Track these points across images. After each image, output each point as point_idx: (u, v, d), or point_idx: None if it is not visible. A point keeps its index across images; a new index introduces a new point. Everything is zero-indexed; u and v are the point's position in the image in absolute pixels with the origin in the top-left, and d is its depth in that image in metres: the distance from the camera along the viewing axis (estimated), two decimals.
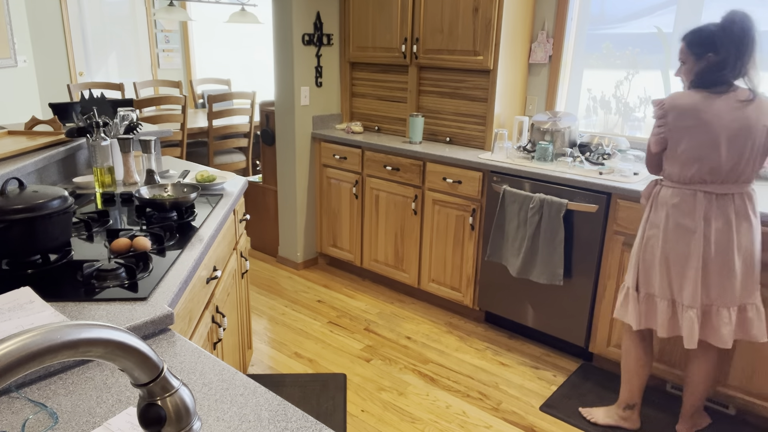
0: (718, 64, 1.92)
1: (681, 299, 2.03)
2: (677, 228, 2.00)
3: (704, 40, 1.95)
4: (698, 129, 1.92)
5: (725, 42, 1.89)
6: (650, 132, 2.06)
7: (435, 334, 3.08)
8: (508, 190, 2.79)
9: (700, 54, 1.97)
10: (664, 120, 1.98)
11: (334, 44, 3.73)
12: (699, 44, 1.97)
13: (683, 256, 2.00)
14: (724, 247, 1.96)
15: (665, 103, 1.98)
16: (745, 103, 1.90)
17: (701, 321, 2.03)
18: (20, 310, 1.17)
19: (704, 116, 1.91)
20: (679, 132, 1.95)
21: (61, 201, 1.46)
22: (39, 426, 0.92)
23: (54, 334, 0.50)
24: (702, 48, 1.95)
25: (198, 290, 1.62)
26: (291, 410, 0.97)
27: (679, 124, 1.95)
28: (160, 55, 6.55)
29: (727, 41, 1.89)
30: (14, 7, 5.04)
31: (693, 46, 1.99)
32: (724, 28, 1.90)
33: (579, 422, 2.37)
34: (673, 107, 1.96)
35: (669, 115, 1.96)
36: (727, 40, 1.89)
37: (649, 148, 2.06)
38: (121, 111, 2.40)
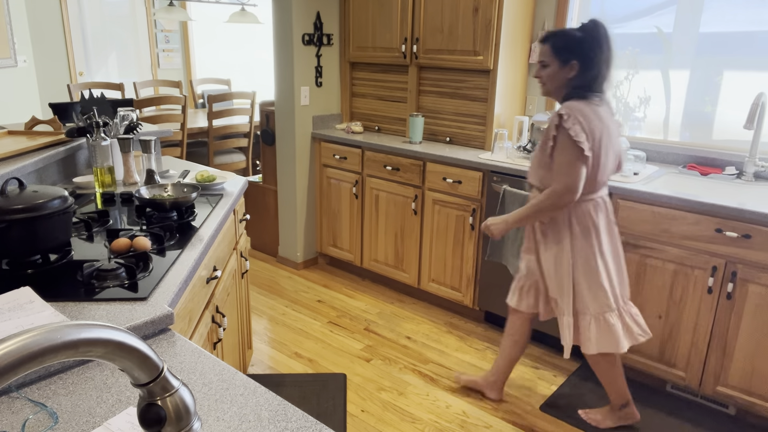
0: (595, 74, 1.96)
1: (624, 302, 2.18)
2: (604, 237, 2.08)
3: (572, 46, 1.95)
4: (605, 139, 1.97)
5: (596, 51, 1.93)
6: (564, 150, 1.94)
7: (435, 334, 3.08)
8: (508, 190, 2.79)
9: (567, 60, 1.96)
10: (584, 133, 1.92)
11: (334, 44, 3.73)
12: (566, 49, 1.96)
13: (616, 262, 2.13)
14: (620, 245, 2.15)
15: (576, 116, 1.92)
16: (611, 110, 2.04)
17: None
18: (20, 310, 1.17)
19: (604, 125, 1.97)
20: (596, 143, 1.95)
21: (61, 201, 1.46)
22: (39, 426, 0.92)
23: (54, 334, 0.50)
24: (569, 54, 1.95)
25: (198, 290, 1.62)
26: (291, 410, 0.97)
27: (596, 135, 1.95)
28: (160, 55, 6.55)
29: (598, 50, 1.93)
30: (14, 7, 5.04)
31: (560, 51, 1.97)
32: (593, 36, 1.94)
33: (579, 422, 2.37)
34: (586, 119, 1.92)
35: (585, 127, 1.92)
36: (598, 49, 1.93)
37: (577, 166, 1.93)
38: (121, 111, 2.40)
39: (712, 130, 2.82)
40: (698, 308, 2.36)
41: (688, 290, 2.37)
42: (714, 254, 2.28)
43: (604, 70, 1.97)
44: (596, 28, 1.95)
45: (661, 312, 2.46)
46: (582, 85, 1.97)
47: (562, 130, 1.93)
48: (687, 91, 2.86)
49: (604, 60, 1.96)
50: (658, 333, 2.49)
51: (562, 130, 1.93)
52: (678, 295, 2.40)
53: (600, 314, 2.11)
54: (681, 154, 2.85)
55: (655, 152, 2.92)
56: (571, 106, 1.94)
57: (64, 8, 5.59)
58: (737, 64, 2.69)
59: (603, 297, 2.09)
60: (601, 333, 2.12)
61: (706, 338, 2.36)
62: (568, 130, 1.90)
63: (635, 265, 2.49)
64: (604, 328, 2.11)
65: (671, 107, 2.93)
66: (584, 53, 1.94)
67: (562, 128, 1.92)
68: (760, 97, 2.42)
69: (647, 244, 2.44)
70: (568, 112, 1.92)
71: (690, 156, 2.82)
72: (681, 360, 2.45)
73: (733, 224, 2.21)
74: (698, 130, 2.86)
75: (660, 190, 2.39)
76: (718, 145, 2.80)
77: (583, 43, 1.95)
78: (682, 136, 2.92)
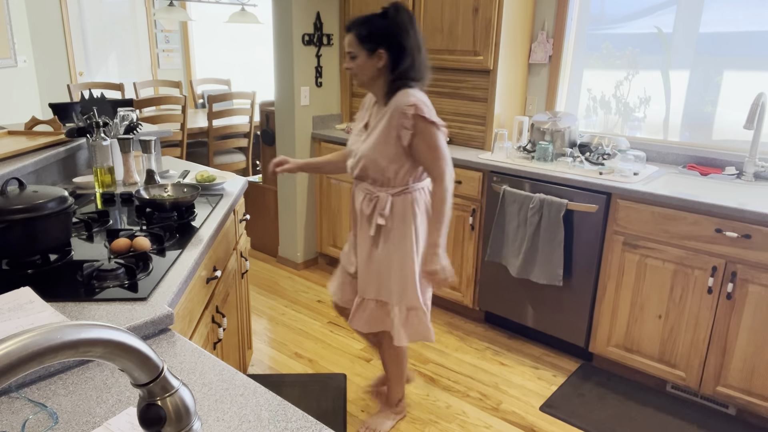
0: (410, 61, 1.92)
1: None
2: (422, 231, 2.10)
3: (377, 34, 1.89)
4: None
5: (403, 36, 1.89)
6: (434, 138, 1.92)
7: (435, 334, 3.08)
8: (508, 190, 2.79)
9: (373, 49, 1.91)
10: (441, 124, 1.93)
11: (334, 44, 3.72)
12: (370, 38, 1.89)
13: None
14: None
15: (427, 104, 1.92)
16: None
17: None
18: (20, 310, 1.17)
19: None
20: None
21: (61, 201, 1.46)
22: (39, 426, 0.92)
23: (54, 334, 0.50)
24: (375, 42, 1.89)
25: (198, 290, 1.62)
26: (291, 410, 0.97)
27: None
28: (160, 55, 6.55)
29: (405, 36, 1.89)
30: (14, 7, 5.04)
31: (365, 40, 1.90)
32: (397, 22, 1.89)
33: (579, 422, 2.37)
34: (430, 107, 1.92)
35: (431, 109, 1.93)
36: (405, 34, 1.89)
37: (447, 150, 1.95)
38: (121, 111, 2.40)
39: (712, 130, 2.82)
40: (698, 308, 2.36)
41: (688, 290, 2.37)
42: (714, 254, 2.28)
43: (417, 55, 1.92)
44: (399, 13, 1.89)
45: (661, 312, 2.46)
46: (403, 74, 1.93)
47: (422, 120, 1.89)
48: (687, 91, 2.86)
49: (414, 46, 1.91)
50: (658, 333, 2.49)
51: (422, 120, 1.89)
52: (678, 295, 2.40)
53: (424, 302, 2.12)
54: (681, 154, 2.85)
55: (655, 152, 2.92)
56: (416, 95, 1.91)
57: (64, 8, 5.59)
58: (737, 64, 2.69)
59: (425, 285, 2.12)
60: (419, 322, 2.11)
61: (706, 338, 2.36)
62: (428, 118, 1.88)
63: (635, 265, 2.49)
64: (422, 317, 2.11)
65: (671, 107, 2.93)
66: (391, 40, 1.89)
67: (421, 117, 1.88)
68: (760, 97, 2.42)
69: (647, 244, 2.44)
70: (419, 101, 1.89)
71: (690, 156, 2.82)
72: (681, 360, 2.45)
73: (733, 224, 2.21)
74: (698, 130, 2.86)
75: (660, 190, 2.39)
76: (718, 145, 2.80)
77: (388, 30, 1.89)
78: (682, 136, 2.92)
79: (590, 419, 2.39)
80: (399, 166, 1.97)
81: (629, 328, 2.57)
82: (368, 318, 2.14)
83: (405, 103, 1.89)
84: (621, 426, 2.35)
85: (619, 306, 2.58)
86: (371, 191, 2.04)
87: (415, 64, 1.93)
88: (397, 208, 2.01)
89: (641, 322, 2.53)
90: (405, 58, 1.91)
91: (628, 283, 2.53)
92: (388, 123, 1.93)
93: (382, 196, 2.01)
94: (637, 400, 2.52)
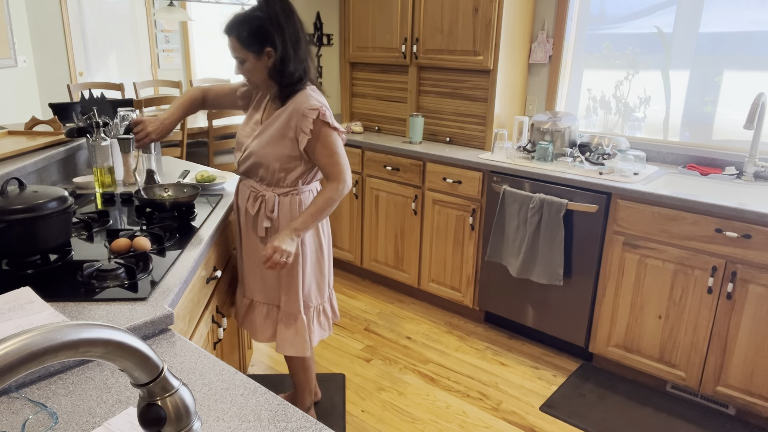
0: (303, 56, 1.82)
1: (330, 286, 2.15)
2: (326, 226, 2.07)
3: (259, 32, 1.75)
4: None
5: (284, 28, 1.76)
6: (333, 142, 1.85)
7: (435, 334, 3.08)
8: (508, 190, 2.79)
9: (260, 50, 1.77)
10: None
11: (334, 44, 3.72)
12: (254, 38, 1.76)
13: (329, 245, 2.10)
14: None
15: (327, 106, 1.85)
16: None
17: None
18: (20, 310, 1.17)
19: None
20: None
21: (61, 201, 1.46)
22: (39, 426, 0.92)
23: (54, 334, 0.50)
24: (259, 42, 1.76)
25: (198, 290, 1.62)
26: (291, 410, 0.97)
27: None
28: (160, 55, 6.55)
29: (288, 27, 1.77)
30: (14, 7, 5.04)
31: (248, 42, 1.76)
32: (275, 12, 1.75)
33: (579, 422, 2.37)
34: (329, 108, 1.87)
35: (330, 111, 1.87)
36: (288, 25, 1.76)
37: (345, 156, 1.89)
38: (121, 111, 2.40)
39: (712, 130, 2.82)
40: (698, 308, 2.36)
41: (688, 290, 2.37)
42: (714, 254, 2.28)
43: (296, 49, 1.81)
44: (268, 4, 1.76)
45: (661, 312, 2.46)
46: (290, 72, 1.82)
47: (325, 125, 1.82)
48: (687, 91, 2.86)
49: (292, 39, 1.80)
50: (658, 333, 2.49)
51: (325, 125, 1.82)
52: (678, 295, 2.40)
53: (320, 305, 2.07)
54: (681, 154, 2.85)
55: (655, 152, 2.92)
56: (318, 98, 1.85)
57: (64, 8, 5.59)
58: (737, 64, 2.69)
59: (324, 290, 2.08)
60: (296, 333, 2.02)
61: (706, 338, 2.36)
62: (330, 123, 1.83)
63: (635, 265, 2.49)
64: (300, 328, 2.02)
65: (671, 107, 2.93)
66: (276, 35, 1.76)
67: (324, 123, 1.82)
68: (760, 97, 2.42)
69: (647, 244, 2.44)
70: (322, 105, 1.82)
71: (690, 156, 2.82)
72: (681, 360, 2.45)
73: (733, 224, 2.21)
74: (698, 130, 2.86)
75: (660, 190, 2.39)
76: (718, 145, 2.80)
77: (269, 25, 1.75)
78: (682, 136, 2.92)
79: (590, 419, 2.39)
80: (291, 168, 1.89)
81: (629, 328, 2.57)
82: (260, 323, 2.05)
83: (307, 107, 1.80)
84: (621, 426, 2.35)
85: (619, 306, 2.58)
86: (257, 190, 1.94)
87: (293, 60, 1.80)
88: (285, 209, 1.93)
89: (641, 322, 2.53)
90: (294, 54, 1.80)
91: (628, 283, 2.53)
92: (285, 124, 1.84)
93: (269, 195, 1.91)
94: (637, 400, 2.52)
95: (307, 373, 2.20)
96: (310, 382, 2.23)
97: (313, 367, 2.22)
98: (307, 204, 1.95)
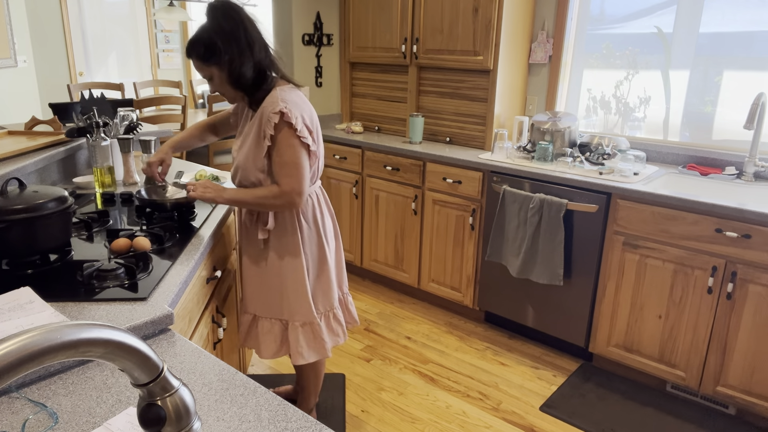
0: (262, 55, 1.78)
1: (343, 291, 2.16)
2: (329, 228, 2.03)
3: (214, 46, 1.73)
4: (319, 128, 1.88)
5: (236, 34, 1.74)
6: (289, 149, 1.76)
7: (435, 334, 3.08)
8: (508, 190, 2.79)
9: (219, 61, 1.75)
10: (306, 128, 1.79)
11: (334, 44, 3.72)
12: (210, 53, 1.74)
13: (337, 250, 2.10)
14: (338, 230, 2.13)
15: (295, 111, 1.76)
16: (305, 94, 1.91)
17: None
18: (20, 310, 1.17)
19: (314, 113, 1.87)
20: (315, 134, 1.85)
21: (61, 201, 1.46)
22: (39, 426, 0.92)
23: (54, 334, 0.50)
24: (217, 55, 1.74)
25: (198, 290, 1.62)
26: (291, 410, 0.97)
27: (314, 125, 1.84)
28: (160, 55, 6.55)
29: (238, 32, 1.74)
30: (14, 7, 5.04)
31: (208, 58, 1.75)
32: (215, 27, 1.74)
33: (579, 422, 2.37)
34: (303, 110, 1.79)
35: (306, 120, 1.80)
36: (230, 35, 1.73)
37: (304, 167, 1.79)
38: (121, 111, 2.40)
39: (712, 130, 2.82)
40: (698, 308, 2.36)
41: (688, 290, 2.37)
42: (714, 254, 2.28)
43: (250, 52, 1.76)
44: (213, 14, 1.74)
45: (661, 312, 2.46)
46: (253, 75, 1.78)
47: (284, 129, 1.74)
48: (687, 91, 2.86)
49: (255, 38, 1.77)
50: (658, 333, 2.49)
51: (284, 129, 1.74)
52: (678, 295, 2.40)
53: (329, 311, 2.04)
54: (681, 154, 2.85)
55: (655, 152, 2.92)
56: (285, 99, 1.76)
57: (64, 8, 5.59)
58: (737, 64, 2.69)
59: (331, 296, 2.02)
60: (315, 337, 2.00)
61: (706, 338, 2.36)
62: (293, 127, 1.74)
63: (635, 265, 2.49)
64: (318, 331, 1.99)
65: (671, 107, 2.93)
66: (230, 45, 1.73)
67: (285, 126, 1.74)
68: (760, 97, 2.42)
69: (647, 244, 2.44)
70: (287, 107, 1.73)
71: (690, 156, 2.82)
72: (681, 360, 2.45)
73: (733, 224, 2.21)
74: (698, 130, 2.86)
75: (660, 190, 2.39)
76: (718, 145, 2.80)
77: (217, 37, 1.73)
78: (682, 136, 2.92)
79: (590, 419, 2.39)
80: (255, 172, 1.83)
81: (629, 328, 2.57)
82: (263, 338, 2.01)
83: (271, 110, 1.74)
84: (621, 426, 2.35)
85: (619, 306, 2.58)
86: None
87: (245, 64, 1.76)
88: (280, 220, 1.89)
89: (641, 322, 2.53)
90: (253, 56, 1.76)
91: (628, 283, 2.53)
92: (258, 131, 1.80)
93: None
94: (637, 400, 2.52)
95: (318, 377, 2.21)
96: (318, 385, 2.23)
97: (323, 371, 2.22)
98: (306, 212, 1.92)
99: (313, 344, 1.99)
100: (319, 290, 2.01)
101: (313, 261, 1.97)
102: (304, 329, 1.97)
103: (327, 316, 2.04)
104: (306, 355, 1.98)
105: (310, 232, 1.94)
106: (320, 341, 2.00)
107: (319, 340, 1.99)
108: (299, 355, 1.97)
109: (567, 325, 2.77)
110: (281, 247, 1.91)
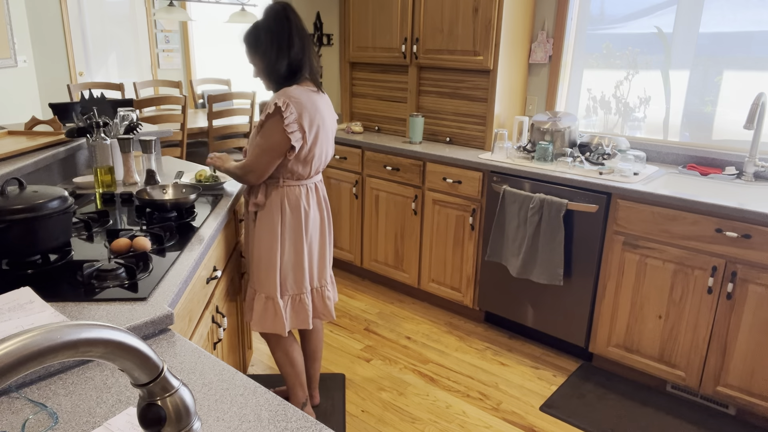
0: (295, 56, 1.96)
1: (321, 283, 2.22)
2: (313, 221, 2.12)
3: (256, 36, 1.97)
4: (321, 129, 2.00)
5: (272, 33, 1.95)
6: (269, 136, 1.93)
7: (435, 334, 3.08)
8: (508, 190, 2.79)
9: (261, 53, 1.98)
10: (298, 125, 1.92)
11: (334, 44, 3.72)
12: (254, 42, 1.98)
13: (321, 245, 2.18)
14: (328, 227, 2.21)
15: (294, 107, 1.91)
16: (328, 101, 2.09)
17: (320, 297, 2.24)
18: (20, 310, 1.17)
19: (321, 115, 1.99)
20: (312, 132, 1.97)
21: (61, 201, 1.46)
22: (39, 426, 0.92)
23: (54, 334, 0.50)
24: (258, 44, 1.97)
25: (198, 290, 1.62)
26: (291, 410, 0.97)
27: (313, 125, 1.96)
28: (160, 55, 6.55)
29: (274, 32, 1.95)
30: (14, 7, 5.04)
31: (253, 47, 1.99)
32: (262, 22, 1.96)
33: (579, 422, 2.37)
34: (304, 108, 1.93)
35: (303, 118, 1.93)
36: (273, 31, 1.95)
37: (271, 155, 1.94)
38: (121, 111, 2.40)
39: (712, 130, 2.82)
40: (698, 308, 2.36)
41: (688, 290, 2.37)
42: (714, 254, 2.28)
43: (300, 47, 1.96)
44: (270, 12, 1.96)
45: (661, 312, 2.46)
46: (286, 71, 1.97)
47: (275, 118, 1.90)
48: (687, 91, 2.86)
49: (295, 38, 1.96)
50: (658, 333, 2.49)
51: (275, 118, 1.90)
52: (678, 295, 2.40)
53: (297, 295, 2.13)
54: (681, 154, 2.85)
55: (655, 152, 2.93)
56: (289, 94, 1.92)
57: (64, 8, 5.59)
58: (737, 64, 2.69)
59: (303, 284, 2.12)
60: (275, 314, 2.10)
61: (706, 338, 2.36)
62: (284, 120, 1.89)
63: (635, 265, 2.49)
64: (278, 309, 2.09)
65: (671, 107, 2.93)
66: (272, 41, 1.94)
67: (277, 116, 1.89)
68: (760, 97, 2.42)
69: (647, 244, 2.44)
70: (286, 101, 1.89)
71: (690, 156, 2.82)
72: (681, 360, 2.45)
73: (733, 224, 2.21)
74: (698, 130, 2.86)
75: (660, 190, 2.39)
76: (718, 145, 2.80)
77: (262, 30, 1.96)
78: (682, 136, 2.92)
79: (590, 419, 2.39)
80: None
81: (629, 328, 2.57)
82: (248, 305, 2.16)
83: (274, 99, 1.91)
84: (621, 426, 2.35)
85: (619, 306, 2.58)
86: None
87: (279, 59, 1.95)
88: (268, 198, 2.04)
89: (641, 322, 2.53)
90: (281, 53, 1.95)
91: (628, 283, 2.53)
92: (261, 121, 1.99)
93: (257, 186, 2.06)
94: (637, 400, 2.52)
95: (294, 366, 2.23)
96: (298, 375, 2.25)
97: (299, 359, 2.24)
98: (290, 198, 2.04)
99: (272, 319, 2.10)
100: (290, 273, 2.10)
101: (289, 245, 2.08)
102: (266, 303, 2.09)
103: (294, 299, 2.13)
104: (261, 324, 2.10)
105: (291, 217, 2.05)
106: (279, 319, 2.10)
107: (279, 318, 2.09)
108: (256, 323, 2.11)
109: (567, 325, 2.77)
110: (263, 224, 2.06)
